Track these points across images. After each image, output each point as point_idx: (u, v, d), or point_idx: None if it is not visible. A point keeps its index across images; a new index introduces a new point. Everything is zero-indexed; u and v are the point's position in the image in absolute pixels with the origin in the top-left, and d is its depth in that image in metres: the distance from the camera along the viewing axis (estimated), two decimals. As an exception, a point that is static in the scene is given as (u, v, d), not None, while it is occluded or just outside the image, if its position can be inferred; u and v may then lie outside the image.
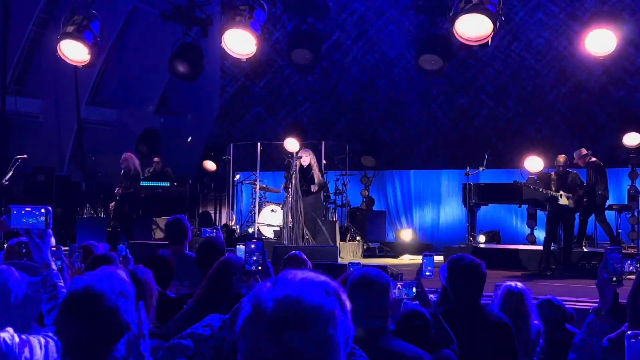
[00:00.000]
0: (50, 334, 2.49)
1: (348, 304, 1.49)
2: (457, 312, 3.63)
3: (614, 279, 3.05)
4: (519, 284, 3.83)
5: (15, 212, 2.98)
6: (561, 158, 10.11)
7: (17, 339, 2.39)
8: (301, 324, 1.41)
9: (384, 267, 7.04)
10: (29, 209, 2.98)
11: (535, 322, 3.78)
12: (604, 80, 12.95)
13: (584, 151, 11.08)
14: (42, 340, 2.46)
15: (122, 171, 11.63)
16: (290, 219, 10.24)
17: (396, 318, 3.39)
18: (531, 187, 10.26)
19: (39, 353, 2.42)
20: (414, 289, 3.65)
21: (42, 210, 2.97)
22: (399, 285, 3.68)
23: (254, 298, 1.47)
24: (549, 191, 9.87)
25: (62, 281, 2.96)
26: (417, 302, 3.62)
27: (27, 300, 2.70)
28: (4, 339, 2.36)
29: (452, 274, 3.82)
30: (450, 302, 3.75)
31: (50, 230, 3.00)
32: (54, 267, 2.95)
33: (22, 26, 15.73)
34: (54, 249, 3.34)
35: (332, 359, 1.44)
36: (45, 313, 2.82)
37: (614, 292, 3.14)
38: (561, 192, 9.81)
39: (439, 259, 7.99)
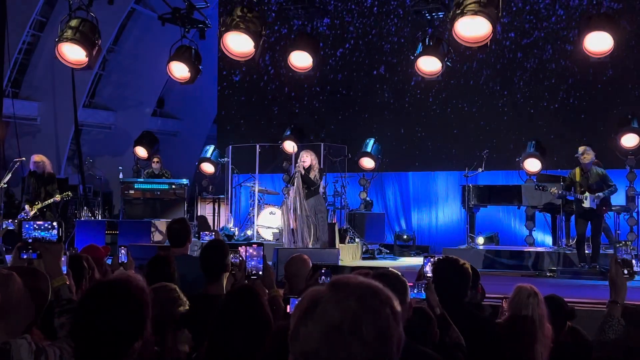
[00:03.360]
0: (65, 345, 2.48)
1: (399, 309, 1.49)
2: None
3: (625, 271, 3.07)
4: (533, 286, 3.86)
5: (27, 226, 3.00)
6: (588, 155, 9.81)
7: (34, 346, 2.38)
8: (357, 329, 1.41)
9: (385, 269, 7.03)
10: (40, 222, 3.01)
11: (547, 324, 3.79)
12: (602, 81, 12.97)
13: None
14: (57, 351, 2.46)
15: (33, 175, 11.03)
16: (291, 221, 10.22)
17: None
18: (557, 191, 10.01)
19: None
20: (423, 290, 3.69)
21: (54, 224, 3.00)
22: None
23: (310, 301, 1.47)
24: (569, 192, 9.79)
25: (74, 295, 2.95)
26: (425, 303, 3.64)
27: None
28: (22, 343, 2.36)
29: (437, 274, 3.91)
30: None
31: (63, 244, 3.01)
32: (67, 280, 2.95)
33: (19, 29, 15.70)
34: None
35: None
36: (58, 327, 2.79)
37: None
38: (587, 194, 9.70)
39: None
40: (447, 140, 14.27)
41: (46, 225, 2.99)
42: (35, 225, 3.00)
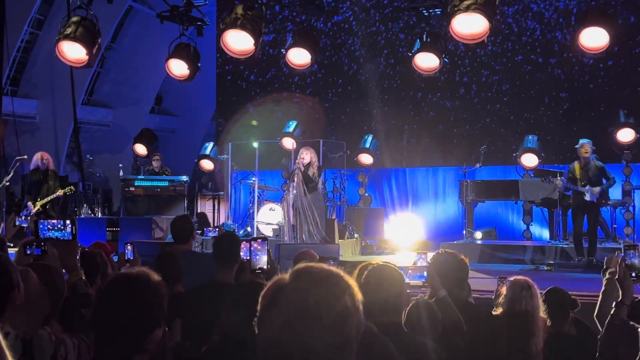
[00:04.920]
0: (83, 336, 2.57)
1: (359, 298, 1.58)
2: None
3: (633, 274, 3.14)
4: (527, 279, 3.93)
5: (41, 226, 3.09)
6: (589, 149, 9.93)
7: (53, 337, 2.47)
8: (317, 315, 1.50)
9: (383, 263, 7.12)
10: (54, 221, 3.08)
11: (542, 315, 3.87)
12: (598, 75, 13.05)
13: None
14: (76, 341, 2.55)
15: (36, 172, 11.22)
16: (291, 217, 10.29)
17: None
18: (564, 183, 10.13)
19: (72, 353, 2.51)
20: (425, 273, 3.77)
21: (68, 222, 3.08)
22: (410, 271, 3.78)
23: (274, 290, 1.57)
24: (575, 185, 9.88)
25: (91, 289, 3.04)
26: (427, 288, 3.73)
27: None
28: (43, 334, 2.45)
29: (435, 267, 3.99)
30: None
31: (77, 241, 3.09)
32: (82, 275, 3.03)
33: (18, 27, 15.73)
34: None
35: (346, 351, 1.53)
36: (75, 320, 2.87)
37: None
38: (592, 189, 9.78)
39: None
40: (445, 137, 14.35)
41: (59, 225, 3.07)
42: (49, 225, 3.08)
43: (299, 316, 1.50)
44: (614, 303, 3.17)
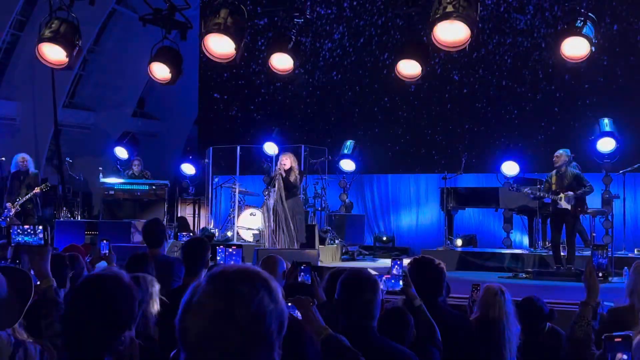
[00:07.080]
0: (48, 344, 2.53)
1: (278, 291, 1.57)
2: None
3: (599, 274, 3.18)
4: (501, 285, 3.94)
5: (12, 232, 3.07)
6: (559, 157, 10.02)
7: (13, 339, 2.44)
8: (230, 315, 1.49)
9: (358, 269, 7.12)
10: (26, 226, 3.07)
11: (515, 322, 3.88)
12: (578, 85, 13.15)
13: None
14: (38, 347, 2.51)
15: (16, 174, 11.34)
16: (271, 223, 10.28)
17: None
18: (530, 192, 10.24)
19: (33, 357, 2.47)
20: (400, 282, 3.76)
21: (40, 227, 3.05)
22: (384, 278, 3.77)
23: (189, 296, 1.58)
24: (546, 194, 9.93)
25: (60, 297, 3.00)
26: (403, 295, 3.72)
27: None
28: (2, 335, 2.41)
29: (412, 273, 3.99)
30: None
31: (49, 247, 3.06)
32: (53, 282, 3.00)
33: (-1, 28, 15.61)
34: None
35: (266, 345, 1.53)
36: (44, 327, 2.83)
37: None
38: (561, 195, 9.83)
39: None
40: (426, 143, 14.39)
41: (29, 230, 3.04)
42: (19, 230, 3.06)
43: (212, 319, 1.49)
44: (580, 302, 3.19)
